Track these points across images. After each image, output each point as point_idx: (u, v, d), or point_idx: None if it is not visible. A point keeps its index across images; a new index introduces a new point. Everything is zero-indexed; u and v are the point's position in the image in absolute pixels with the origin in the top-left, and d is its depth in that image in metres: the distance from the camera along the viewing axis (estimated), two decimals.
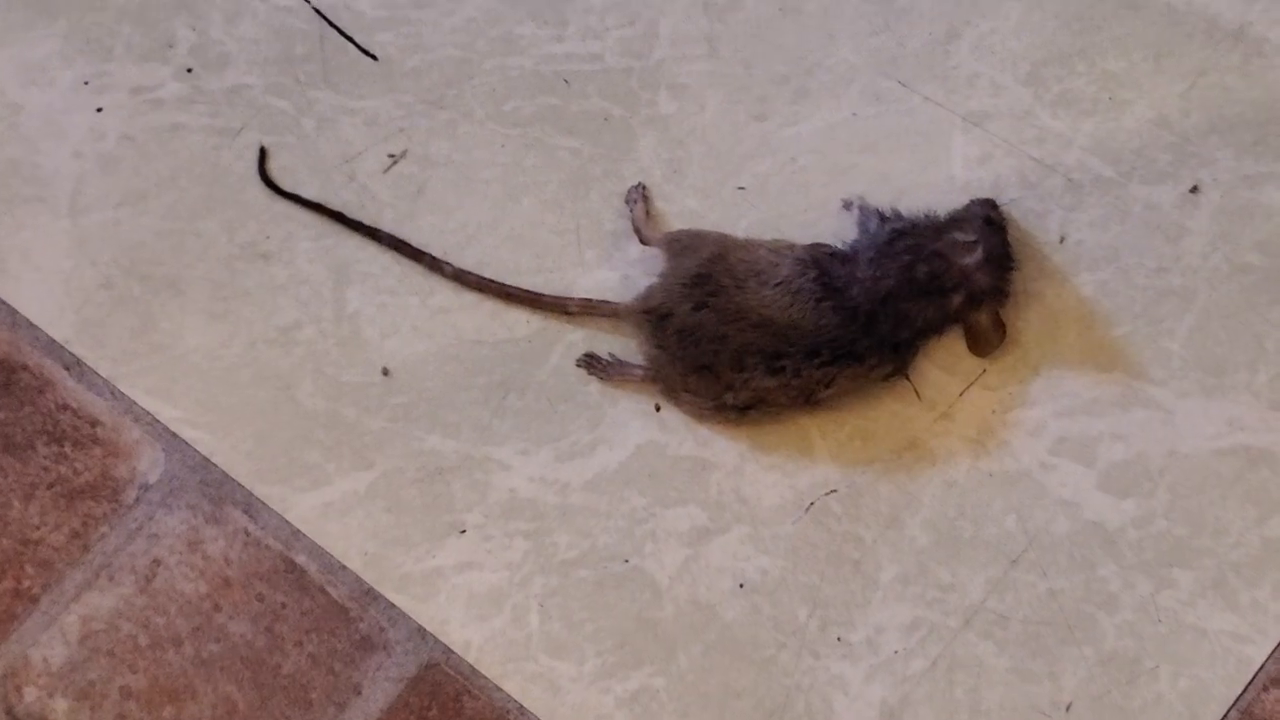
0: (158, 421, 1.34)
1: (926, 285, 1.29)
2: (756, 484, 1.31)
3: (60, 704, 1.28)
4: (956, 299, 1.29)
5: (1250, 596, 1.26)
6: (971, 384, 1.32)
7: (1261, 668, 1.25)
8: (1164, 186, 1.36)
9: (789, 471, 1.31)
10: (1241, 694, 1.24)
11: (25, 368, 1.35)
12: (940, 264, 1.29)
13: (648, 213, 1.37)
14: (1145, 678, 1.25)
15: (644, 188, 1.38)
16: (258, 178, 1.39)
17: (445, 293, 1.37)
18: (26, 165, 1.40)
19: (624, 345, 1.34)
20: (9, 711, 1.27)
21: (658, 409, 1.33)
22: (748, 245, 1.32)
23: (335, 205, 1.38)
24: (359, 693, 1.27)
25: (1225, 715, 1.24)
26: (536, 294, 1.35)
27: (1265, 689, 1.25)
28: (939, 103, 1.39)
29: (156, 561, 1.31)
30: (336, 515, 1.31)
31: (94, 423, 1.34)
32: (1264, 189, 1.35)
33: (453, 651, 1.28)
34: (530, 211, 1.38)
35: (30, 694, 1.28)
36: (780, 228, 1.35)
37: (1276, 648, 1.26)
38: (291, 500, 1.32)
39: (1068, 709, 1.25)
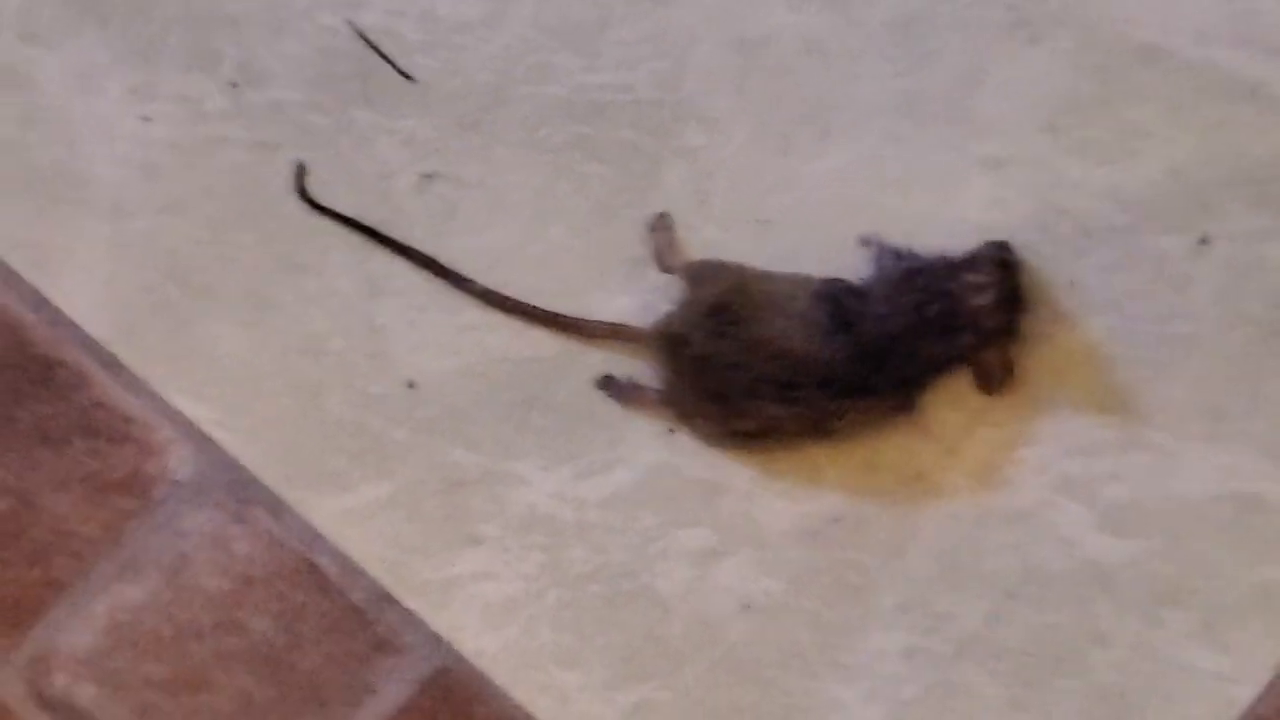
0: (189, 422, 1.38)
1: (938, 324, 1.32)
2: (766, 509, 1.34)
3: (87, 690, 1.32)
4: (967, 338, 1.32)
5: (1239, 638, 1.29)
6: (979, 421, 1.35)
7: (1249, 709, 1.28)
8: (1174, 236, 1.38)
9: (797, 498, 1.35)
10: None
11: (63, 364, 1.39)
12: (952, 304, 1.31)
13: (670, 242, 1.40)
14: (1134, 714, 1.28)
15: (668, 217, 1.41)
16: (295, 192, 1.43)
17: (473, 311, 1.40)
18: (71, 168, 1.44)
19: (642, 369, 1.37)
20: (38, 695, 1.32)
21: (672, 432, 1.36)
22: (767, 277, 1.35)
23: (369, 222, 1.42)
24: (373, 693, 1.31)
25: None
26: (560, 315, 1.39)
27: None
28: (957, 146, 1.42)
29: (183, 557, 1.35)
30: (358, 521, 1.35)
31: (128, 420, 1.38)
32: (1272, 244, 1.38)
33: (465, 658, 1.32)
34: (557, 236, 1.42)
35: (59, 679, 1.32)
36: (799, 261, 1.38)
37: (1265, 690, 1.29)
38: (315, 504, 1.36)
39: None
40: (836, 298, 1.33)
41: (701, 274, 1.36)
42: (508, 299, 1.40)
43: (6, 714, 1.31)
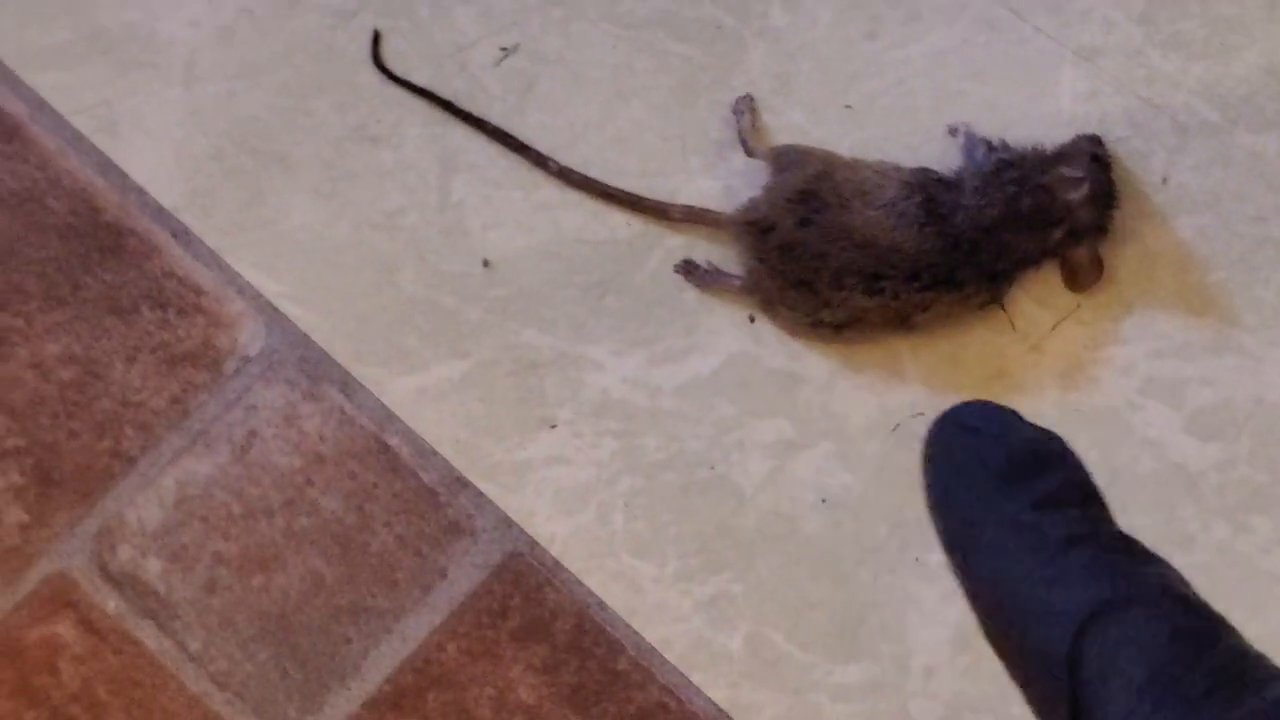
0: (261, 295, 1.36)
1: (1030, 218, 1.30)
2: (845, 401, 1.33)
3: (153, 564, 1.31)
4: (1058, 233, 1.30)
5: None
6: (1065, 318, 1.34)
7: None
8: (1269, 135, 1.36)
9: (878, 391, 1.33)
10: None
11: (134, 232, 1.37)
12: (1045, 197, 1.30)
13: (754, 125, 1.38)
14: None
15: (752, 99, 1.39)
16: (370, 61, 1.40)
17: (549, 189, 1.38)
18: (144, 30, 1.41)
19: (723, 255, 1.35)
20: (102, 568, 1.30)
21: (752, 320, 1.34)
22: (854, 165, 1.33)
23: (445, 94, 1.39)
24: (444, 576, 1.30)
25: None
26: (639, 197, 1.37)
27: None
28: (1051, 35, 1.39)
29: (253, 433, 1.33)
30: (431, 401, 1.34)
31: (198, 292, 1.36)
32: None
33: (537, 543, 1.31)
34: (638, 115, 1.39)
35: (124, 552, 1.31)
36: (885, 149, 1.36)
37: None
38: (387, 383, 1.34)
39: None
40: (927, 188, 1.31)
41: (787, 159, 1.34)
42: (585, 178, 1.37)
43: (72, 587, 1.30)
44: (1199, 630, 0.92)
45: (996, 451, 0.99)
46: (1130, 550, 0.98)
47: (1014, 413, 1.03)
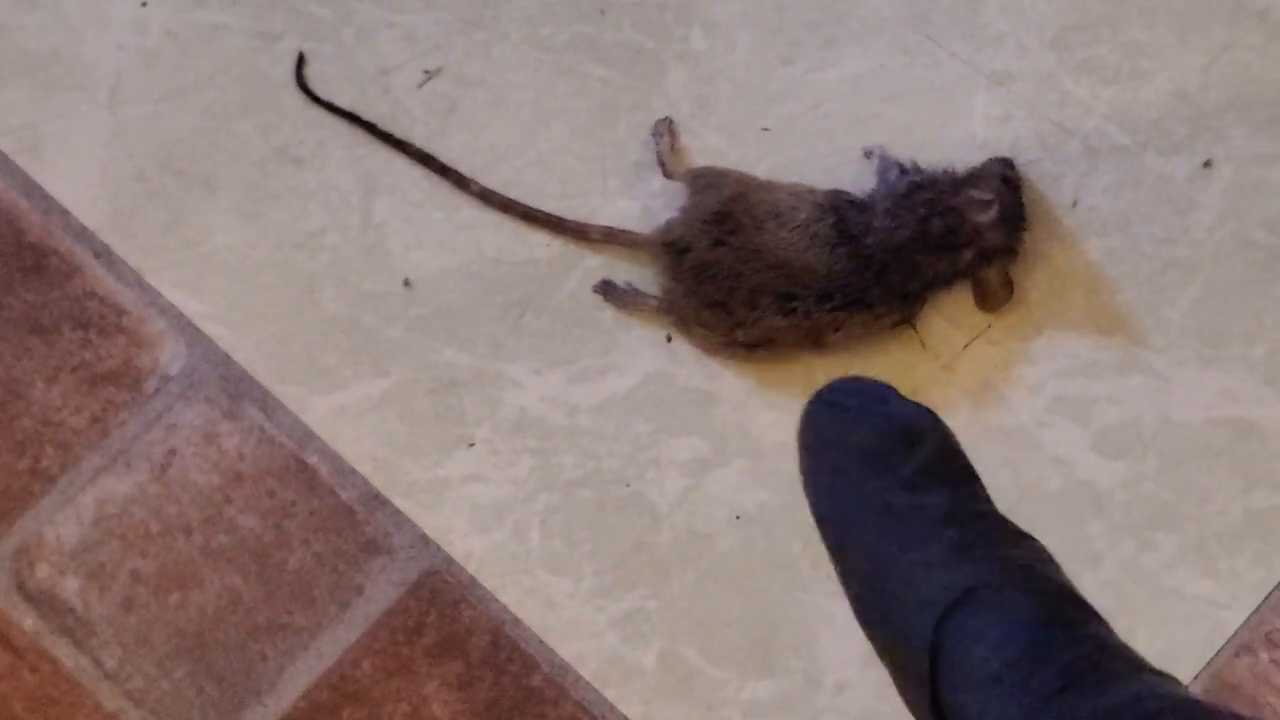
0: (182, 315, 1.37)
1: (940, 239, 1.32)
2: (760, 420, 1.34)
3: (71, 582, 1.32)
4: (968, 254, 1.32)
5: (1229, 564, 1.30)
6: (976, 338, 1.35)
7: (1235, 634, 1.29)
8: (1178, 159, 1.39)
9: (793, 410, 1.32)
10: (1214, 658, 1.28)
11: (56, 252, 1.38)
12: (955, 219, 1.32)
13: (673, 147, 1.40)
14: (1123, 636, 1.28)
15: (671, 122, 1.40)
16: (295, 84, 1.41)
17: (470, 210, 1.39)
18: (69, 53, 1.42)
19: (641, 275, 1.37)
20: (20, 586, 1.31)
21: (669, 340, 1.36)
22: (769, 186, 1.35)
23: (369, 116, 1.40)
24: (361, 593, 1.31)
25: (1196, 677, 1.28)
26: (559, 218, 1.38)
27: (1237, 655, 1.29)
28: (965, 60, 1.41)
29: (172, 451, 1.34)
30: (350, 419, 1.35)
31: (120, 312, 1.37)
32: (1276, 168, 1.38)
33: (454, 560, 1.32)
34: (558, 137, 1.41)
35: (42, 570, 1.32)
36: (801, 171, 1.38)
37: (1251, 615, 1.30)
38: (308, 401, 1.35)
39: None
40: (839, 210, 1.33)
41: (704, 181, 1.36)
42: (506, 199, 1.39)
43: None
44: (1061, 620, 0.89)
45: (865, 429, 0.96)
46: (999, 531, 0.94)
47: (886, 387, 0.98)
